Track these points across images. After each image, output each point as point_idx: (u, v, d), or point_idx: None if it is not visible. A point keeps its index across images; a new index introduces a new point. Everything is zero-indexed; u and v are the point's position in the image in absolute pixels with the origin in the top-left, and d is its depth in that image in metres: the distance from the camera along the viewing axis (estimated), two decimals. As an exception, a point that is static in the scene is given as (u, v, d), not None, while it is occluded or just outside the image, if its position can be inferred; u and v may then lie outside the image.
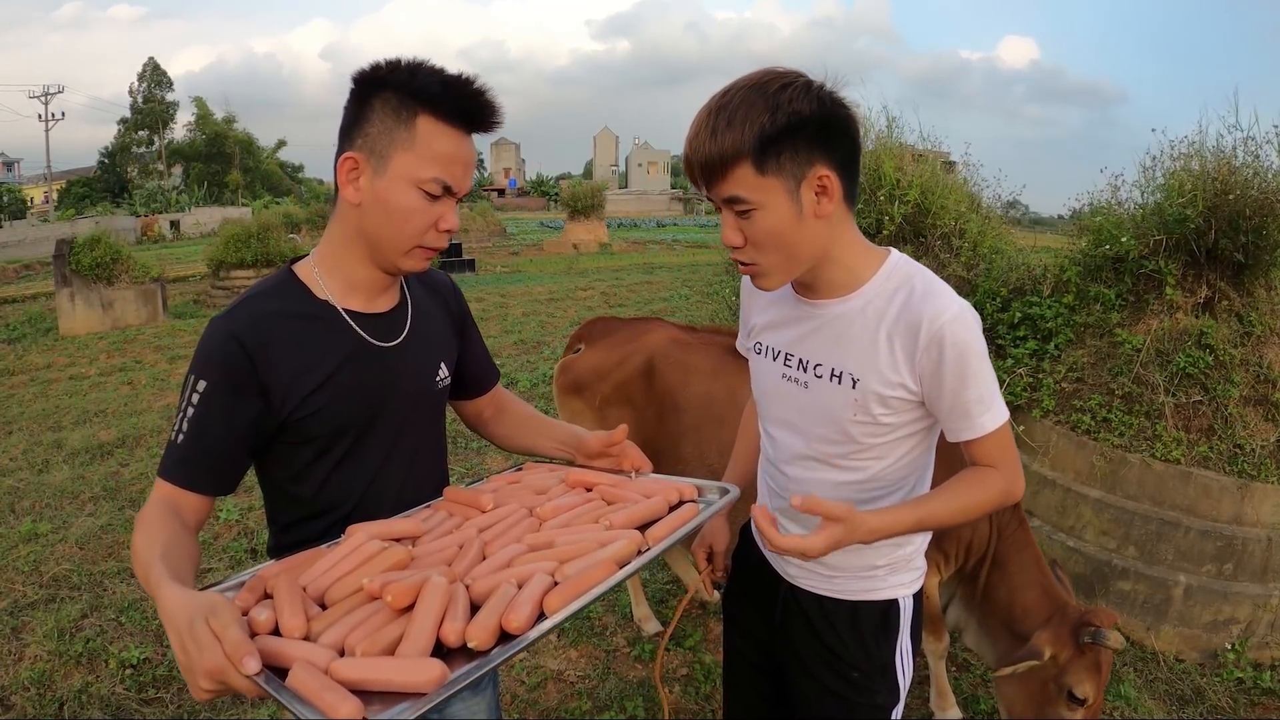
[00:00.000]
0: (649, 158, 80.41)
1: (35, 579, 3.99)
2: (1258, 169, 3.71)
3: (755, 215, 1.22)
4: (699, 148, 1.21)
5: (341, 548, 1.13)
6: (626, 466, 1.51)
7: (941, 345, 1.24)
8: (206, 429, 1.24)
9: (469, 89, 1.26)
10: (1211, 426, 3.60)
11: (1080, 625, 2.24)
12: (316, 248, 1.40)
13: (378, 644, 0.94)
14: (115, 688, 3.11)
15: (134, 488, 5.21)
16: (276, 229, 14.63)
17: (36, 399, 7.79)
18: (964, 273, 4.34)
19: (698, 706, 2.99)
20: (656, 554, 1.21)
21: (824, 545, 1.20)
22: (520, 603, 1.00)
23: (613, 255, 21.56)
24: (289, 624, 0.96)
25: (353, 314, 1.35)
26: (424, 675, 0.87)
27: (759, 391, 1.53)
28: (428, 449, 1.49)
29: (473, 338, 1.63)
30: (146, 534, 1.14)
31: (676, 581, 3.88)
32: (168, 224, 37.79)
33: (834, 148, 1.21)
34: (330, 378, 1.31)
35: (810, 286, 1.38)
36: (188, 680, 0.88)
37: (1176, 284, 3.79)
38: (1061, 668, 2.23)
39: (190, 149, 55.14)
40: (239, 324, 1.27)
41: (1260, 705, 3.14)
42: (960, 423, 1.30)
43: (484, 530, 1.24)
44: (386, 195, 1.25)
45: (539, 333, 9.55)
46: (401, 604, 0.99)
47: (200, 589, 1.01)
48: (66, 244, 11.65)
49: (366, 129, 1.25)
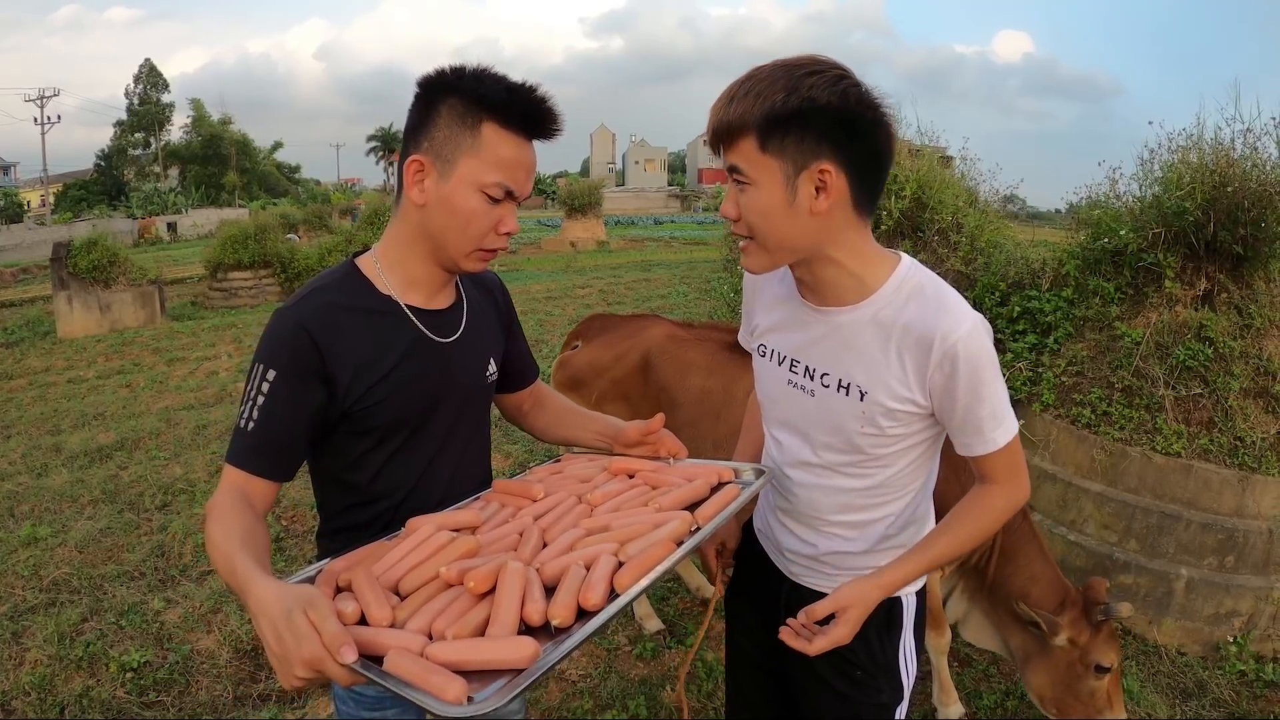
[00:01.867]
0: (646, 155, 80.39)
1: (35, 583, 3.98)
2: (1256, 161, 3.70)
3: (749, 190, 1.22)
4: (717, 111, 1.22)
5: (410, 540, 1.16)
6: (663, 453, 1.54)
7: (955, 362, 1.22)
8: (276, 416, 1.27)
9: (533, 96, 1.29)
10: (1212, 419, 3.60)
11: (1090, 605, 2.37)
12: (378, 244, 1.43)
13: (467, 627, 0.97)
14: (116, 691, 3.10)
15: (133, 490, 5.20)
16: (274, 230, 14.63)
17: (35, 402, 7.79)
18: (962, 267, 4.34)
19: (700, 704, 2.98)
20: (710, 530, 1.24)
21: (848, 630, 1.26)
22: (595, 581, 1.05)
23: (610, 253, 21.56)
24: (376, 614, 0.99)
25: (414, 309, 1.40)
26: (520, 652, 0.91)
27: (764, 394, 1.52)
28: (477, 442, 1.55)
29: (517, 334, 1.69)
30: (222, 524, 1.15)
31: (677, 581, 3.88)
32: (165, 226, 37.81)
33: (845, 146, 1.17)
34: (393, 371, 1.35)
35: (815, 290, 1.35)
36: (279, 669, 0.91)
37: (1176, 277, 3.79)
38: (1084, 648, 2.36)
39: (187, 150, 55.14)
40: (307, 314, 1.30)
41: (1263, 698, 3.14)
42: (973, 438, 1.29)
43: (539, 518, 1.28)
44: (451, 198, 1.29)
45: (537, 330, 9.55)
46: (482, 589, 1.03)
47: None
48: (64, 247, 11.65)
49: (433, 133, 1.28)
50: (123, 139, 56.17)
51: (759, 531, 1.66)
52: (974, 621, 2.71)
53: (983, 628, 2.69)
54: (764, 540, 1.64)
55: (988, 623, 2.66)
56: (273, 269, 14.01)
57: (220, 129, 55.30)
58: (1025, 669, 2.50)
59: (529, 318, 10.41)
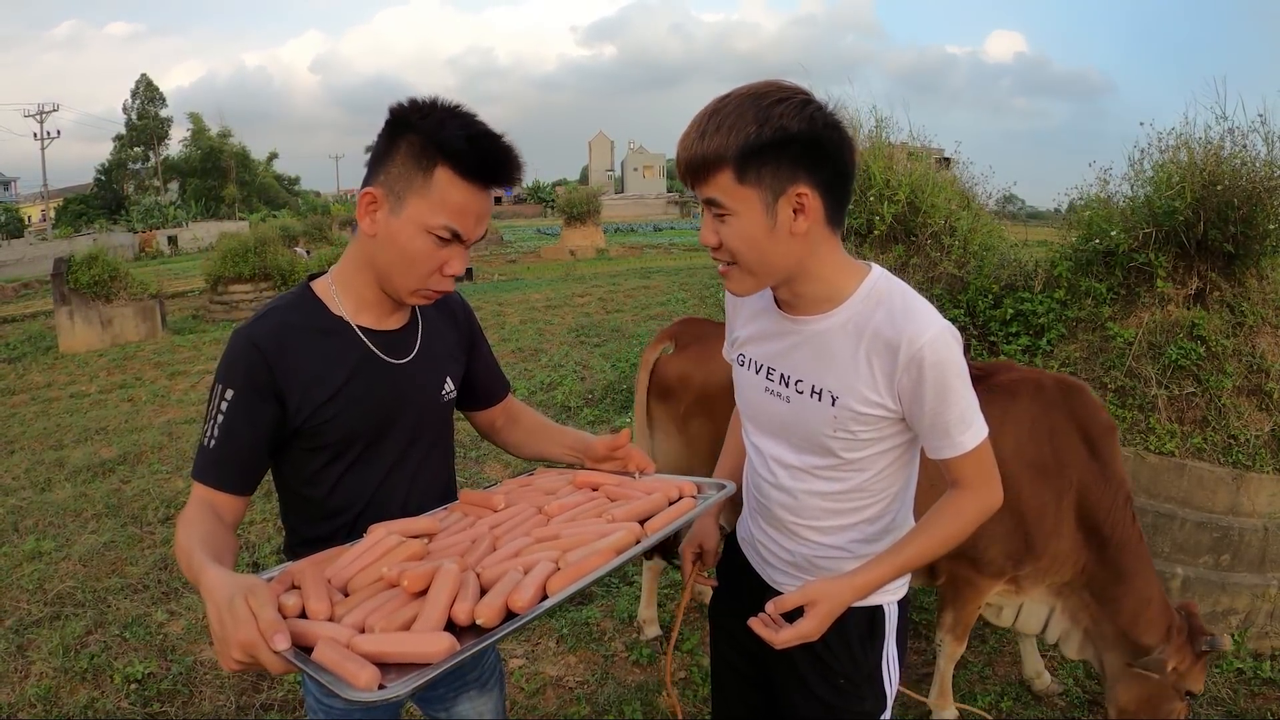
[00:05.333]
0: (644, 161, 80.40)
1: (40, 597, 4.01)
2: (1245, 159, 3.72)
3: (730, 220, 1.25)
4: (688, 147, 1.25)
5: (363, 543, 1.23)
6: (631, 468, 1.58)
7: (921, 366, 1.25)
8: (235, 433, 1.33)
9: (492, 146, 1.31)
10: (1205, 418, 3.62)
11: (1195, 634, 2.41)
12: (335, 266, 1.47)
13: (394, 622, 1.03)
14: (120, 702, 3.13)
15: (136, 504, 5.23)
16: (274, 242, 14.65)
17: (38, 418, 7.81)
18: (955, 270, 4.36)
19: (695, 709, 3.00)
20: (652, 542, 1.29)
21: (816, 625, 1.29)
22: (525, 585, 1.09)
23: (610, 260, 21.56)
24: (314, 607, 1.05)
25: (365, 330, 1.43)
26: (435, 646, 0.97)
27: (743, 402, 1.55)
28: (435, 457, 1.57)
29: (482, 353, 1.70)
30: (186, 528, 1.23)
31: (675, 584, 3.90)
32: (165, 239, 37.87)
33: (818, 168, 1.22)
34: (341, 389, 1.38)
35: (790, 304, 1.39)
36: (220, 652, 0.97)
37: (1167, 276, 3.81)
38: (1181, 675, 2.41)
39: (186, 164, 55.23)
40: (260, 334, 1.35)
41: (1261, 696, 3.15)
42: (941, 441, 1.32)
43: (495, 527, 1.33)
44: (398, 235, 1.31)
45: (536, 340, 9.56)
46: (416, 588, 1.08)
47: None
48: (64, 262, 11.68)
49: (390, 168, 1.31)
50: (122, 153, 56.33)
51: (743, 541, 1.68)
52: (1075, 641, 2.71)
53: (1085, 647, 2.69)
54: (747, 549, 1.66)
55: (1089, 642, 2.67)
56: (273, 282, 14.05)
57: (219, 142, 55.43)
58: (1116, 685, 2.54)
59: (528, 326, 10.42)
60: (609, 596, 3.85)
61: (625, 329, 9.93)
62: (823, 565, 1.50)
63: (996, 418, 2.53)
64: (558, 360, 8.41)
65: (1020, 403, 2.57)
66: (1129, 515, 2.53)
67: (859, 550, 1.47)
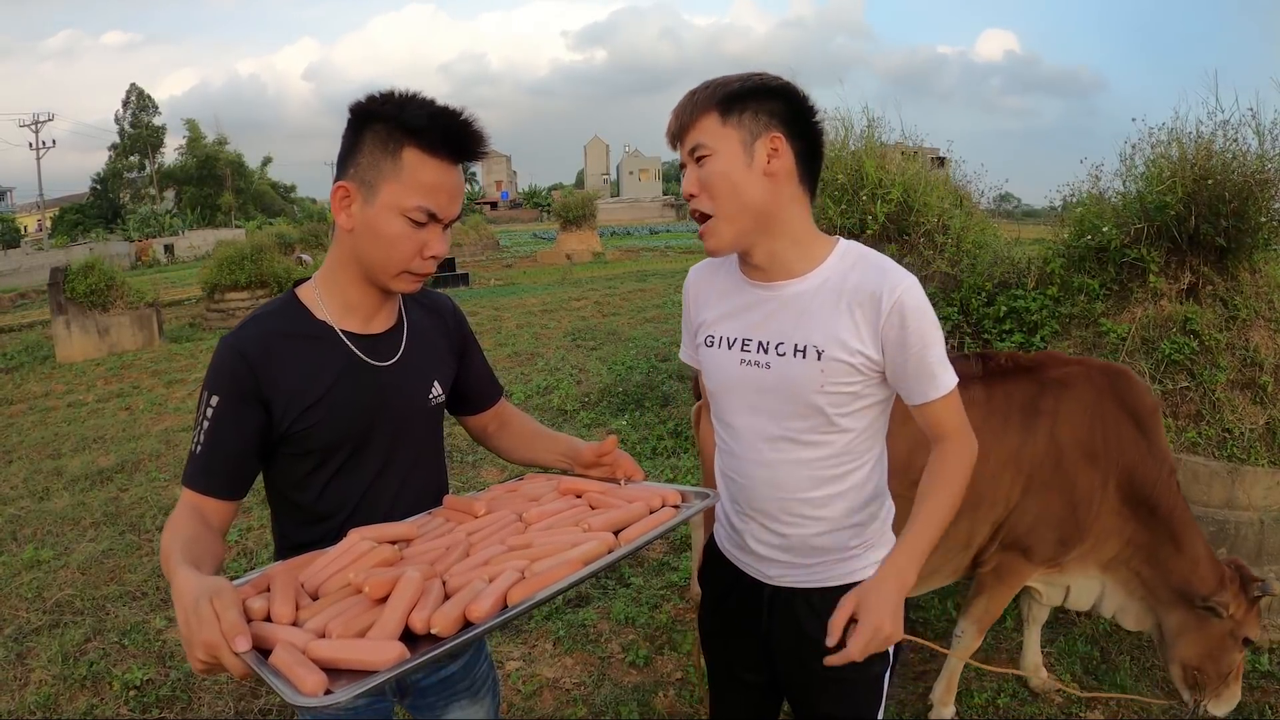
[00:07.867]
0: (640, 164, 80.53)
1: (39, 605, 4.01)
2: (1236, 153, 3.74)
3: (709, 161, 1.37)
4: (679, 108, 1.41)
5: (338, 547, 1.23)
6: (619, 475, 1.58)
7: (904, 312, 1.36)
8: (222, 439, 1.35)
9: (454, 120, 1.33)
10: (1199, 412, 3.63)
11: (1247, 582, 2.57)
12: (318, 271, 1.48)
13: (351, 628, 1.04)
14: (119, 709, 3.13)
15: (134, 512, 5.23)
16: (270, 249, 14.64)
17: (36, 427, 7.81)
18: (949, 269, 4.37)
19: (692, 710, 3.00)
20: (625, 554, 1.29)
21: (878, 619, 1.31)
22: (485, 595, 1.09)
23: (606, 264, 21.56)
24: (278, 611, 1.07)
25: (350, 334, 1.44)
26: (384, 655, 0.98)
27: (715, 384, 1.56)
28: (424, 461, 1.56)
29: (474, 357, 1.70)
30: (171, 532, 1.26)
31: (673, 587, 3.90)
32: (162, 248, 37.90)
33: (792, 126, 1.38)
34: (326, 394, 1.39)
35: (765, 270, 1.46)
36: (186, 652, 0.99)
37: (1160, 271, 3.83)
38: (1239, 621, 2.57)
39: (181, 172, 55.27)
40: (245, 342, 1.37)
41: (1259, 689, 3.16)
42: (926, 384, 1.39)
43: (472, 534, 1.33)
44: (375, 223, 1.33)
45: (533, 344, 9.57)
46: (378, 595, 1.09)
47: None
48: (61, 271, 11.66)
49: (358, 159, 1.33)
50: (118, 162, 56.42)
51: (725, 542, 1.67)
52: (1133, 611, 2.80)
53: (1143, 616, 2.79)
54: (732, 549, 1.65)
55: (1146, 609, 2.76)
56: (269, 289, 14.04)
57: (215, 150, 55.43)
58: (1177, 642, 2.65)
59: (524, 331, 10.43)
60: (606, 599, 3.85)
61: (621, 332, 9.94)
62: (817, 544, 1.50)
63: (1053, 410, 2.62)
64: (554, 364, 8.42)
65: (1074, 393, 2.67)
66: (1174, 484, 2.65)
67: (845, 523, 1.49)
